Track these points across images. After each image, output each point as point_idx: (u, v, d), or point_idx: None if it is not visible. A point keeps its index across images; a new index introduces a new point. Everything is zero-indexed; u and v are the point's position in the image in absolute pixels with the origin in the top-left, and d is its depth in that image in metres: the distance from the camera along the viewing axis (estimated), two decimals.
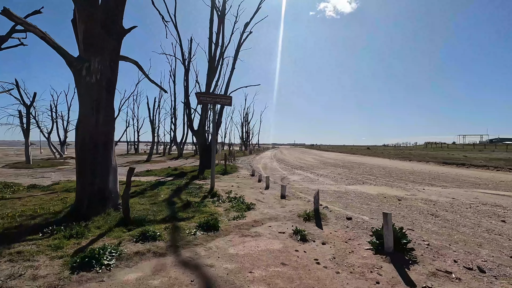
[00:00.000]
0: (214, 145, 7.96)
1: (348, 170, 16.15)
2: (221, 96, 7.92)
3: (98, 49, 5.06)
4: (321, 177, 12.94)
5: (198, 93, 7.43)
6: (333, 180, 11.65)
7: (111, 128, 5.40)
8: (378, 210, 6.33)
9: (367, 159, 29.74)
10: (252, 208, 5.91)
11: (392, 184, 10.29)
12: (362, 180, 11.62)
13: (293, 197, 7.53)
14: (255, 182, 10.63)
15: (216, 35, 15.08)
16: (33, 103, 22.14)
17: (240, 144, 60.00)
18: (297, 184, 10.80)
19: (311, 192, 8.59)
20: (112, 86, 5.36)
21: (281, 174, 14.47)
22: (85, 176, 5.09)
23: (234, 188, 8.83)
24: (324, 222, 4.96)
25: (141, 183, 10.12)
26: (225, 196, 7.26)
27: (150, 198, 7.04)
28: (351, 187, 9.73)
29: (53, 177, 13.13)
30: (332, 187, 9.91)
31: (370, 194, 8.32)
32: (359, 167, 18.00)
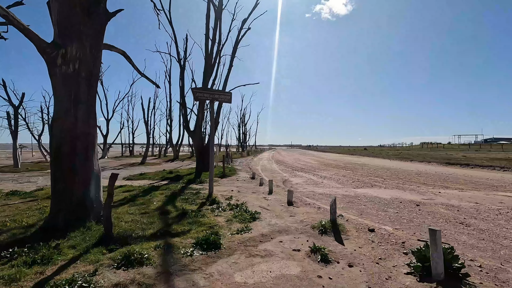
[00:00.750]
0: (212, 146, 7.21)
1: (352, 171, 15.47)
2: (220, 92, 7.16)
3: (76, 34, 4.29)
4: (325, 179, 12.22)
5: (194, 88, 6.67)
6: (339, 183, 10.94)
7: (93, 127, 4.62)
8: (398, 217, 5.62)
9: (367, 160, 29.16)
10: (257, 218, 5.15)
11: (403, 187, 9.60)
12: (370, 182, 10.93)
13: (301, 203, 6.79)
14: (256, 186, 9.87)
15: (213, 31, 14.35)
16: (21, 103, 21.16)
17: (237, 145, 59.21)
18: (301, 187, 10.07)
19: (319, 197, 7.87)
20: (94, 78, 4.58)
21: (282, 176, 13.73)
22: (61, 183, 4.31)
23: (234, 194, 8.07)
24: (344, 236, 4.23)
25: (132, 188, 9.32)
26: (225, 203, 6.49)
27: (141, 206, 6.25)
28: (360, 191, 9.02)
29: (39, 182, 12.24)
30: (339, 190, 9.19)
31: (384, 199, 7.61)
32: (363, 169, 17.34)
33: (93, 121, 4.63)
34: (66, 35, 4.25)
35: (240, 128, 56.99)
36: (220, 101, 7.08)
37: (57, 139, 4.30)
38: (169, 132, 35.96)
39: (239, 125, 56.84)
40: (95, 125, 4.71)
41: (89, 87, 4.48)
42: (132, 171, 17.12)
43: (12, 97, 27.46)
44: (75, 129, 4.34)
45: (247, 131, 59.67)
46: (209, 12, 14.52)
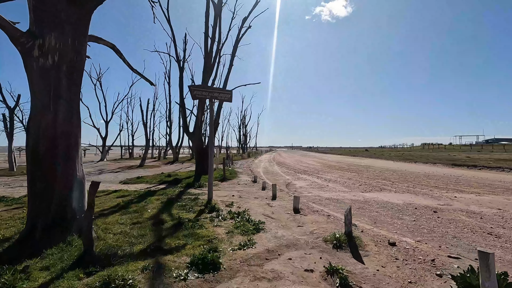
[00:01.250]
0: (211, 148, 6.67)
1: (357, 174, 14.91)
2: (219, 90, 6.61)
3: (55, 22, 3.77)
4: (330, 182, 11.67)
5: (192, 86, 6.13)
6: (345, 186, 10.39)
7: (76, 127, 4.09)
8: (417, 227, 5.07)
9: (370, 161, 28.61)
10: (261, 229, 4.61)
11: (414, 191, 9.05)
12: (378, 186, 10.37)
13: (308, 210, 6.24)
14: (258, 190, 9.32)
15: (212, 29, 13.85)
16: (17, 105, 20.62)
17: (238, 147, 58.69)
18: (305, 191, 9.52)
19: (327, 203, 7.32)
20: (77, 73, 4.06)
21: (284, 179, 13.19)
22: (39, 192, 3.77)
23: (235, 199, 7.52)
24: (363, 251, 3.68)
25: (127, 193, 8.78)
26: (225, 211, 5.95)
27: (133, 214, 5.71)
28: (369, 195, 8.47)
29: None
30: (347, 195, 8.64)
31: (396, 204, 7.07)
32: (368, 171, 16.78)
33: (77, 120, 4.10)
34: (44, 23, 3.72)
35: (240, 130, 56.55)
36: (220, 99, 6.56)
37: (34, 139, 3.78)
38: (169, 134, 35.48)
39: (240, 126, 56.42)
40: (79, 125, 4.18)
41: (71, 82, 3.96)
42: (130, 174, 16.60)
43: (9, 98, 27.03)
44: (55, 128, 3.81)
45: (247, 133, 59.22)
46: (209, 10, 14.04)
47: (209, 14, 14.05)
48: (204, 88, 6.31)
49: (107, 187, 11.24)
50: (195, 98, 6.24)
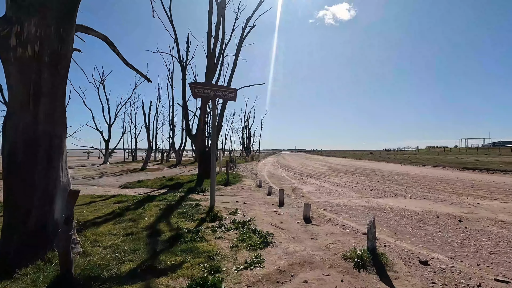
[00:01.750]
0: (214, 152, 6.16)
1: (366, 178, 14.30)
2: (223, 88, 6.10)
3: (35, 5, 3.31)
4: (339, 187, 11.09)
5: (193, 83, 5.64)
6: (356, 192, 9.81)
7: (60, 128, 3.61)
8: (445, 239, 4.50)
9: (376, 164, 27.92)
10: (269, 243, 4.06)
11: (431, 197, 8.44)
12: (391, 191, 9.77)
13: (320, 219, 5.68)
14: (264, 195, 8.78)
15: (215, 28, 13.43)
16: None
17: (241, 150, 58.21)
18: (313, 197, 8.97)
19: (338, 210, 6.76)
20: (62, 65, 3.58)
21: (290, 183, 12.63)
22: (15, 201, 3.29)
23: (239, 206, 6.99)
24: (392, 272, 3.13)
25: (125, 198, 8.30)
26: (229, 220, 5.42)
27: (128, 223, 5.21)
28: (383, 201, 7.89)
29: None
30: (359, 201, 8.07)
31: (415, 212, 6.48)
32: (376, 174, 16.15)
33: (61, 119, 3.62)
34: (22, 7, 3.27)
35: (244, 133, 56.11)
36: (224, 98, 6.07)
37: (11, 142, 3.30)
38: (172, 136, 35.11)
39: (243, 129, 55.98)
40: (64, 124, 3.70)
41: (55, 76, 3.48)
42: (131, 177, 16.17)
43: None
44: (35, 130, 3.33)
45: (251, 136, 58.76)
46: (212, 9, 13.64)
47: (212, 13, 13.66)
48: (206, 86, 5.81)
49: (106, 191, 10.79)
50: (196, 96, 5.75)
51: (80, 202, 7.99)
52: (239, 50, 14.46)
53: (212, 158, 6.10)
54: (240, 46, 14.52)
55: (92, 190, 11.20)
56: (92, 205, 7.40)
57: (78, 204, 7.64)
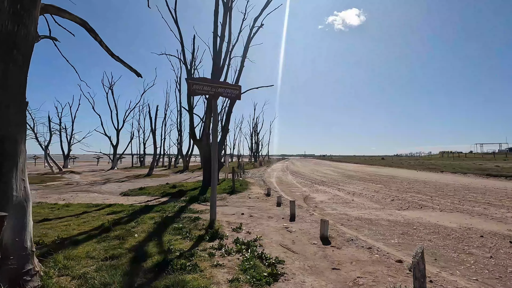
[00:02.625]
0: (215, 157, 5.35)
1: (384, 185, 13.23)
2: (226, 85, 5.29)
3: None
4: (355, 196, 10.11)
5: (190, 78, 4.87)
6: (375, 202, 8.82)
7: (16, 128, 2.88)
8: (503, 269, 3.53)
9: (391, 170, 26.61)
10: (280, 274, 3.19)
11: (464, 209, 7.40)
12: (415, 201, 8.75)
13: (340, 239, 4.77)
14: (273, 206, 7.91)
15: (221, 27, 12.77)
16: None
17: (250, 155, 57.44)
18: (328, 207, 8.04)
19: (359, 226, 5.82)
20: (19, 50, 2.87)
21: (301, 191, 11.71)
22: None
23: (245, 219, 6.14)
24: None
25: (121, 209, 7.58)
26: (231, 238, 4.59)
27: (113, 242, 4.44)
28: (409, 214, 6.91)
29: None
30: (380, 213, 7.11)
31: (451, 229, 5.49)
32: (394, 182, 15.03)
33: (18, 118, 2.89)
34: None
35: (252, 138, 55.41)
36: (226, 96, 5.30)
37: None
38: (179, 142, 34.66)
39: (252, 134, 55.30)
40: (22, 127, 2.97)
41: (7, 63, 2.77)
42: (134, 184, 15.58)
43: None
44: None
45: (259, 141, 57.98)
46: (218, 8, 13.02)
47: (218, 13, 13.04)
48: (205, 82, 5.02)
49: (105, 199, 10.15)
50: (193, 94, 4.99)
51: (73, 212, 7.34)
52: (247, 50, 13.76)
53: (213, 165, 5.29)
54: (248, 46, 13.83)
55: (91, 198, 10.59)
56: (83, 217, 6.71)
57: (69, 215, 6.98)
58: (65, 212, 7.44)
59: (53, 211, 7.72)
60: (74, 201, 9.68)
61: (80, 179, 19.89)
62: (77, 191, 12.97)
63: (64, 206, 8.49)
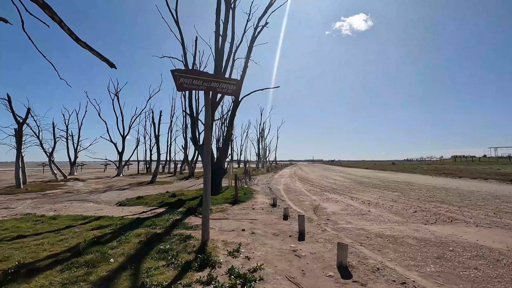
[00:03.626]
0: (207, 161, 4.45)
1: (401, 193, 12.11)
2: (220, 78, 4.39)
3: None
4: (371, 206, 9.07)
5: (177, 70, 4.03)
6: (395, 213, 7.78)
7: None
8: None
9: (405, 176, 25.27)
10: None
11: (505, 223, 6.31)
12: (441, 213, 7.67)
13: (363, 267, 3.79)
14: (279, 220, 6.97)
15: (223, 25, 12.05)
16: (26, 120, 19.87)
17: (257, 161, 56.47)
18: (341, 220, 7.06)
19: (381, 245, 4.83)
20: None
21: (310, 200, 10.73)
22: None
23: (245, 238, 5.22)
24: None
25: (108, 223, 6.77)
26: (225, 267, 3.68)
27: (79, 271, 3.59)
28: (439, 230, 5.87)
29: (18, 208, 10.15)
30: (404, 228, 6.09)
31: (498, 251, 4.46)
32: (411, 189, 13.85)
33: None
34: None
35: (259, 143, 54.52)
36: (222, 92, 4.45)
37: None
38: (185, 148, 34.02)
39: (258, 140, 54.42)
40: None
41: None
42: (135, 192, 14.88)
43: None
44: None
45: (267, 146, 57.01)
46: (220, 6, 12.33)
47: (220, 11, 12.35)
48: (195, 75, 4.16)
49: (98, 210, 9.41)
50: (181, 89, 4.15)
51: (56, 227, 6.57)
52: (251, 50, 12.99)
53: (206, 173, 4.40)
54: (252, 46, 13.05)
55: (84, 208, 9.86)
56: (64, 233, 5.92)
57: (50, 230, 6.21)
58: (47, 227, 6.68)
59: (36, 225, 6.96)
60: (65, 212, 8.96)
61: (82, 186, 19.35)
62: (74, 200, 12.31)
63: (50, 218, 7.75)
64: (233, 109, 13.03)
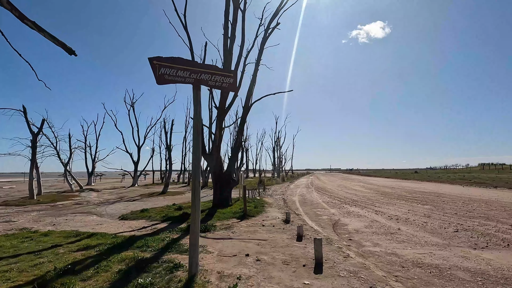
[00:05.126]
0: (196, 172, 3.53)
1: (434, 207, 10.66)
2: (212, 69, 3.53)
3: None
4: (400, 222, 7.81)
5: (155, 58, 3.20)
6: (431, 232, 6.52)
7: None
8: None
9: (431, 186, 23.28)
10: None
11: None
12: (492, 233, 6.34)
13: None
14: (291, 240, 5.92)
15: (231, 26, 11.38)
16: (41, 130, 19.99)
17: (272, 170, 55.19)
18: (367, 241, 5.91)
19: (422, 278, 3.67)
20: None
21: (328, 214, 9.57)
22: None
23: (247, 267, 4.22)
24: None
25: (100, 242, 6.00)
26: None
27: None
28: (497, 259, 4.62)
29: (20, 221, 9.69)
30: (448, 254, 4.88)
31: None
32: (444, 201, 12.31)
33: None
34: None
35: (274, 152, 53.30)
36: (215, 86, 3.58)
37: None
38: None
39: (274, 149, 53.25)
40: None
41: None
42: (145, 203, 14.28)
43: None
44: None
45: (282, 155, 55.69)
46: (228, 8, 11.73)
47: (229, 13, 11.73)
48: (181, 64, 3.33)
49: (95, 225, 8.68)
50: (162, 82, 3.31)
51: (42, 246, 5.88)
52: (262, 52, 12.22)
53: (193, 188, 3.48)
54: (263, 48, 12.29)
55: (84, 222, 9.21)
56: (45, 254, 5.20)
57: (32, 251, 5.50)
58: (33, 246, 5.99)
59: (22, 243, 6.30)
60: (62, 227, 8.33)
61: (94, 197, 19.04)
62: (78, 212, 11.78)
63: (42, 235, 7.10)
64: (243, 115, 12.21)
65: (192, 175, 3.46)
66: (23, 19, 2.85)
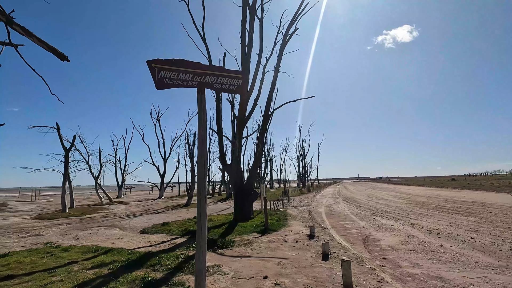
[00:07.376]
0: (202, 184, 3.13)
1: (480, 219, 9.43)
2: (218, 70, 3.17)
3: None
4: (441, 238, 6.88)
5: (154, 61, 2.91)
6: (481, 250, 5.60)
7: None
8: None
9: (473, 195, 21.15)
10: None
11: None
12: None
13: None
14: (316, 259, 5.31)
15: (248, 34, 11.21)
16: (72, 145, 20.96)
17: (297, 180, 53.95)
18: (404, 260, 5.15)
19: None
20: None
21: (358, 227, 8.77)
22: None
23: None
24: None
25: (113, 259, 5.79)
26: None
27: None
28: None
29: (47, 235, 9.90)
30: (506, 280, 4.04)
31: None
32: (490, 212, 10.93)
33: None
34: None
35: (299, 162, 52.22)
36: (222, 89, 3.21)
37: None
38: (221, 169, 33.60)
39: (298, 158, 52.20)
40: None
41: None
42: (167, 216, 14.25)
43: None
44: None
45: (307, 165, 54.38)
46: (245, 17, 11.61)
47: (246, 22, 11.61)
48: (182, 66, 3.03)
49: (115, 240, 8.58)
50: (162, 86, 3.00)
51: (59, 263, 5.79)
52: (280, 59, 11.89)
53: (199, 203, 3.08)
54: (281, 54, 11.97)
55: (105, 236, 9.18)
56: (59, 272, 5.06)
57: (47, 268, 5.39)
58: (50, 262, 5.91)
59: (41, 259, 6.26)
60: (84, 242, 8.33)
61: (122, 210, 19.44)
62: (103, 226, 11.89)
63: (62, 250, 7.08)
64: (263, 123, 11.84)
65: (198, 189, 3.07)
66: (11, 24, 2.72)
